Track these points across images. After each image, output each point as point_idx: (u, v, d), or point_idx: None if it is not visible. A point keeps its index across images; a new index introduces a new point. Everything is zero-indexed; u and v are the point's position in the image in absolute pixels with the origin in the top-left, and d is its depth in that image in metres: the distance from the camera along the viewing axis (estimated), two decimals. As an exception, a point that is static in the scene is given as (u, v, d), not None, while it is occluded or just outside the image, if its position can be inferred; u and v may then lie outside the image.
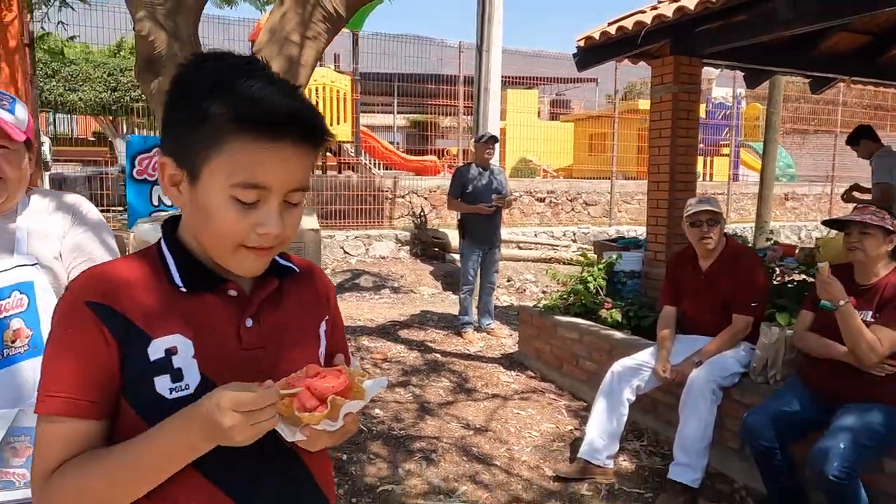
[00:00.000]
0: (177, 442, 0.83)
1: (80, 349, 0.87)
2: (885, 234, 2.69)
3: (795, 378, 2.97)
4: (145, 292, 0.91)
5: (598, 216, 11.46)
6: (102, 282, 0.90)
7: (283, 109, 0.85)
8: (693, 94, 5.41)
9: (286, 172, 0.88)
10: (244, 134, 0.85)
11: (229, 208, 0.87)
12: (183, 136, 0.89)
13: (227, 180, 0.86)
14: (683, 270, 3.57)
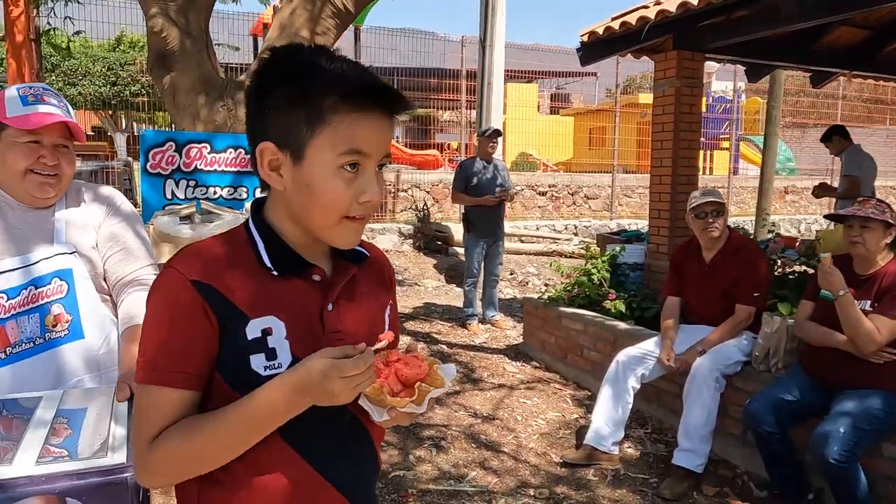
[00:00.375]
0: (277, 404, 0.90)
1: (187, 325, 0.93)
2: (885, 227, 2.76)
3: (797, 366, 3.05)
4: (241, 273, 0.97)
5: (599, 209, 11.53)
6: (205, 261, 0.96)
7: (377, 83, 0.94)
8: (696, 88, 5.48)
9: (380, 140, 0.96)
10: (347, 107, 0.92)
11: (336, 178, 0.94)
12: (283, 119, 0.94)
13: (332, 151, 0.93)
14: (687, 261, 3.65)
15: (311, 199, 0.96)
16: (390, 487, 3.14)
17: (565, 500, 3.08)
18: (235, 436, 0.92)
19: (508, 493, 3.13)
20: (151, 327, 0.95)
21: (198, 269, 0.94)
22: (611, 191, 11.55)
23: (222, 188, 3.87)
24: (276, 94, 0.94)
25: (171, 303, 0.94)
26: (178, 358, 0.93)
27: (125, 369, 1.56)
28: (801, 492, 2.91)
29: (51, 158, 1.63)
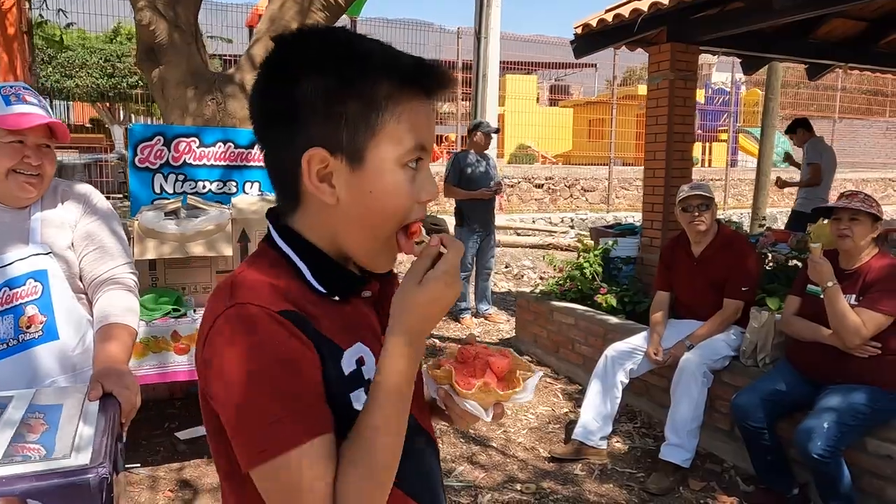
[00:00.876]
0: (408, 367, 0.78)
1: (295, 363, 0.76)
2: (872, 220, 2.76)
3: (784, 361, 3.05)
4: (309, 300, 0.81)
5: (597, 202, 11.51)
6: (271, 290, 0.79)
7: (429, 63, 0.80)
8: (689, 81, 5.45)
9: (432, 130, 0.84)
10: (406, 95, 0.79)
11: (404, 179, 0.80)
12: (328, 117, 0.78)
13: (398, 148, 0.79)
14: (677, 256, 3.64)
15: (373, 208, 0.80)
16: (377, 482, 3.15)
17: (552, 494, 3.09)
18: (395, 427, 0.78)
19: (495, 487, 3.14)
20: (256, 382, 0.74)
21: (271, 298, 0.77)
22: (608, 183, 11.53)
23: (211, 182, 3.85)
24: (311, 87, 0.77)
25: (267, 342, 0.75)
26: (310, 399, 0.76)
27: (98, 367, 1.55)
28: (787, 486, 2.92)
29: (34, 158, 1.63)
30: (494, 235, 6.14)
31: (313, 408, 0.75)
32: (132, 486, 2.97)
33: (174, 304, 2.93)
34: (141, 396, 1.54)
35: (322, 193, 0.80)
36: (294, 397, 0.74)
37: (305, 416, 0.74)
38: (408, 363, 0.78)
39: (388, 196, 0.80)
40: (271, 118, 0.82)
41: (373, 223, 0.82)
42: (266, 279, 0.80)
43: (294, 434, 0.73)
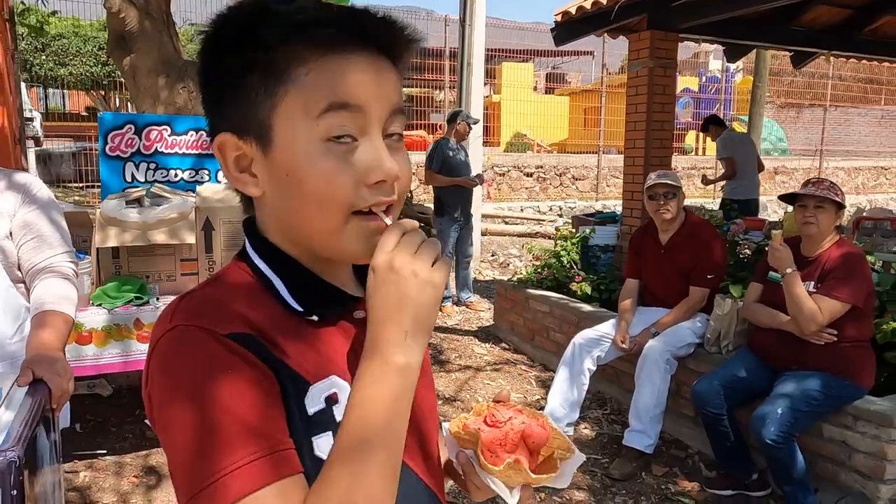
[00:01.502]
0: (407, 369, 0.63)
1: (246, 391, 0.61)
2: (837, 208, 2.76)
3: (746, 348, 3.07)
4: (274, 322, 0.68)
5: (587, 190, 11.52)
6: (227, 308, 0.66)
7: (345, 13, 0.65)
8: (669, 69, 5.43)
9: (375, 86, 0.66)
10: (315, 52, 0.64)
11: (323, 155, 0.65)
12: (237, 95, 0.67)
13: (306, 116, 0.64)
14: (645, 244, 3.65)
15: (298, 197, 0.66)
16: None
17: (515, 480, 3.12)
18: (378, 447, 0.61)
19: (460, 473, 3.17)
20: (187, 423, 0.59)
21: (219, 319, 0.64)
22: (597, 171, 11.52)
23: (183, 171, 3.86)
24: (226, 65, 0.66)
25: (209, 366, 0.61)
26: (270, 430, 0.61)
27: (30, 354, 1.57)
28: (746, 471, 2.95)
29: None
30: (472, 224, 6.15)
31: (274, 438, 0.60)
32: (98, 472, 3.00)
33: (137, 291, 2.94)
34: (108, 385, 1.56)
35: (245, 185, 0.70)
36: (239, 437, 0.58)
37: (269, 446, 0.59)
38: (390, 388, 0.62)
39: (308, 177, 0.65)
40: (205, 110, 0.72)
41: (306, 214, 0.67)
42: (219, 297, 0.68)
43: (248, 475, 0.57)
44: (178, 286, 3.13)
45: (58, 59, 14.59)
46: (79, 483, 2.90)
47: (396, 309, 0.63)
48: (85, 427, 3.40)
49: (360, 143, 0.66)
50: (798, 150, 17.43)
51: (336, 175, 0.65)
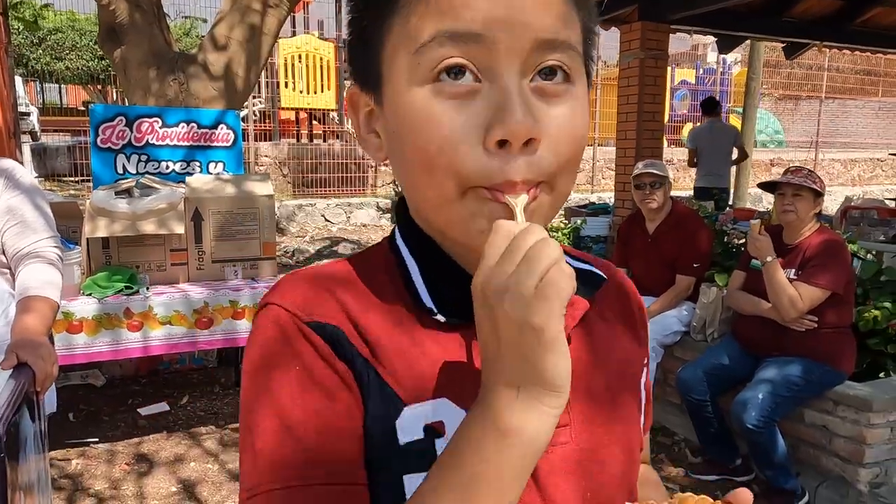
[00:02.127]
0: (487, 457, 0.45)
1: (310, 395, 0.50)
2: (815, 196, 2.79)
3: (730, 335, 3.11)
4: (387, 318, 0.55)
5: (582, 183, 11.53)
6: (327, 291, 0.55)
7: None
8: (660, 60, 5.45)
9: (512, 8, 0.47)
10: None
11: (428, 102, 0.48)
12: (358, 41, 0.54)
13: (409, 53, 0.49)
14: (632, 233, 3.68)
15: (404, 159, 0.52)
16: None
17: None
18: None
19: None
20: (246, 425, 0.52)
21: (313, 303, 0.53)
22: (592, 164, 11.53)
23: (175, 163, 3.88)
24: (349, 20, 0.55)
25: (278, 353, 0.52)
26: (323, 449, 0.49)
27: (15, 338, 1.60)
28: (730, 457, 2.98)
29: None
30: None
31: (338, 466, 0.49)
32: (90, 459, 3.04)
33: (127, 281, 2.97)
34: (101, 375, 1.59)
35: (369, 148, 0.57)
36: (293, 447, 0.49)
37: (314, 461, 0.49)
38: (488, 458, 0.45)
39: (411, 136, 0.49)
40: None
41: (416, 183, 0.52)
42: (329, 277, 0.56)
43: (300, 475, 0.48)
44: (168, 276, 3.16)
45: (54, 53, 14.57)
46: (71, 471, 2.94)
47: (496, 357, 0.45)
48: (78, 416, 3.44)
49: (482, 86, 0.48)
50: (796, 142, 17.42)
51: (441, 129, 0.47)
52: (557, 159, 0.49)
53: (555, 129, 0.48)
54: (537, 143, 0.48)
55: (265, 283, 3.19)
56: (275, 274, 3.30)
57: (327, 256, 7.91)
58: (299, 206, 8.99)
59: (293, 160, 9.71)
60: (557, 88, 0.49)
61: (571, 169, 0.51)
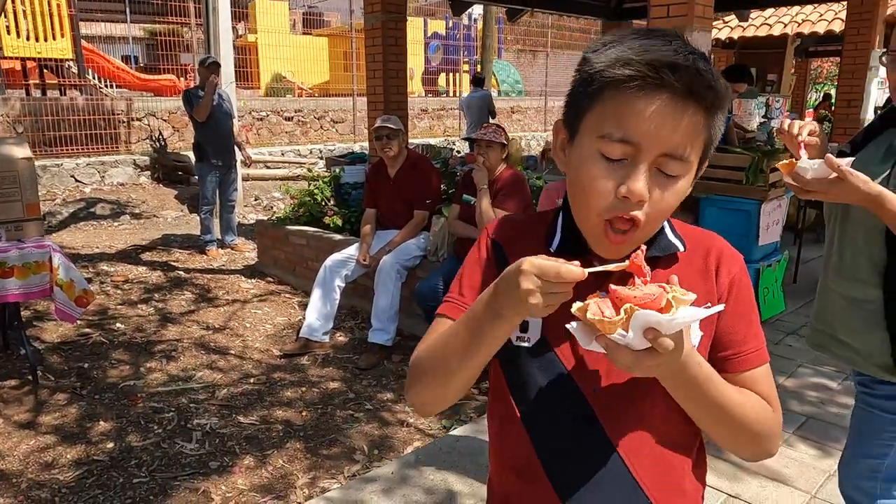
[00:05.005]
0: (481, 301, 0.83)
1: (475, 269, 0.97)
2: (501, 147, 3.68)
3: (452, 255, 3.96)
4: (527, 245, 0.92)
5: (346, 133, 12.07)
6: (506, 227, 1.01)
7: (661, 57, 0.78)
8: (400, 22, 6.12)
9: (658, 128, 0.78)
10: (617, 82, 0.79)
11: (595, 161, 0.82)
12: (571, 96, 0.88)
13: (595, 132, 0.82)
14: (378, 177, 4.36)
15: (574, 185, 0.87)
16: (119, 395, 3.49)
17: (280, 381, 3.71)
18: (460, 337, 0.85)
19: (231, 384, 3.67)
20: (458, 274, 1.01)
21: (498, 232, 1.00)
22: (353, 115, 12.11)
23: None
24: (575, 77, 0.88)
25: (475, 253, 1.00)
26: (459, 293, 0.97)
27: None
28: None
29: None
30: (236, 168, 6.41)
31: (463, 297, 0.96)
32: None
33: None
34: None
35: (560, 161, 0.92)
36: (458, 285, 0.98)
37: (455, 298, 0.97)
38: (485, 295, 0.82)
39: (581, 172, 0.84)
40: None
41: (575, 201, 0.89)
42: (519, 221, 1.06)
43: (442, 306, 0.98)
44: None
45: None
46: None
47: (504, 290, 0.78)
48: None
49: (626, 163, 0.81)
50: (534, 91, 19.73)
51: (597, 178, 0.82)
52: (651, 216, 0.83)
53: (654, 200, 0.82)
54: (644, 203, 0.82)
55: (33, 243, 3.27)
56: (41, 234, 3.39)
57: (84, 219, 7.53)
58: (43, 168, 8.30)
59: (30, 117, 8.82)
60: (668, 180, 0.83)
61: (658, 220, 0.85)
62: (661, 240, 0.92)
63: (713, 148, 0.87)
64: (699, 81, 0.78)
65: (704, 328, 0.87)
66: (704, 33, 4.17)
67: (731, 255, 0.94)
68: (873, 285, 1.59)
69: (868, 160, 1.62)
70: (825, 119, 10.81)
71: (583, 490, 0.90)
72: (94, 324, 4.42)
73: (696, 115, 0.79)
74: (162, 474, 2.79)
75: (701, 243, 0.95)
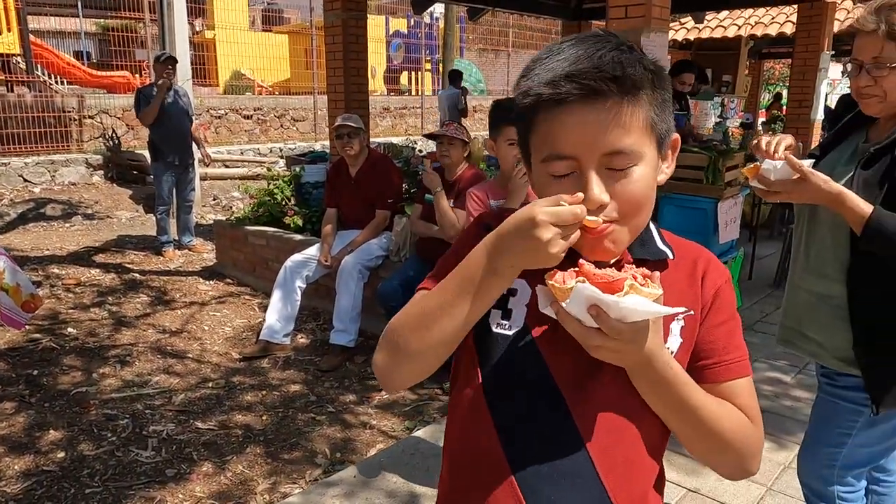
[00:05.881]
0: (478, 254, 0.81)
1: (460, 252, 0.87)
2: (462, 144, 3.67)
3: (415, 254, 3.94)
4: None
5: (307, 132, 11.93)
6: (500, 215, 0.91)
7: (557, 73, 0.80)
8: (360, 20, 6.06)
9: (585, 135, 0.80)
10: (533, 109, 0.83)
11: (548, 183, 0.84)
12: (520, 124, 0.89)
13: (538, 157, 0.85)
14: (339, 176, 4.31)
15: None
16: (71, 402, 3.37)
17: (239, 385, 3.63)
18: (446, 300, 0.83)
19: (189, 389, 3.58)
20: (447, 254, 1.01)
21: (491, 218, 0.94)
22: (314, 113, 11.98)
23: None
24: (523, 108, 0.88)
25: (466, 234, 1.01)
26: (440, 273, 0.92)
27: None
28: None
29: None
30: (193, 168, 6.26)
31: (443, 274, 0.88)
32: None
33: None
34: None
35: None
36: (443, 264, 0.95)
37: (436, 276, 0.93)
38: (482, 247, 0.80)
39: (536, 190, 0.88)
40: None
41: None
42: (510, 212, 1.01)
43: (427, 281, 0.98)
44: None
45: None
46: None
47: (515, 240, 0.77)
48: None
49: (576, 175, 0.81)
50: (496, 91, 19.81)
51: (542, 193, 0.84)
52: (623, 211, 0.82)
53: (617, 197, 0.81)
54: (605, 206, 0.80)
55: (-25, 246, 3.13)
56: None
57: (33, 220, 7.27)
58: (-11, 167, 7.99)
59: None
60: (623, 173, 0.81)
61: (635, 209, 0.83)
62: (651, 245, 0.92)
63: (666, 122, 0.86)
64: (602, 76, 0.78)
65: (685, 335, 0.88)
66: (661, 34, 4.24)
67: (717, 267, 0.94)
68: (839, 282, 1.65)
69: (835, 162, 1.69)
70: (777, 119, 11.13)
71: (546, 487, 0.87)
72: (45, 329, 4.26)
73: (616, 107, 0.79)
74: (116, 483, 2.70)
75: (689, 252, 0.95)
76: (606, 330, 0.73)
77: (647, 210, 0.86)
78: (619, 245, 0.84)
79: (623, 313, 0.72)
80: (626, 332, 0.73)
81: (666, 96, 0.85)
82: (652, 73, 0.82)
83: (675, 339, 0.83)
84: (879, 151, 1.58)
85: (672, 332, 0.86)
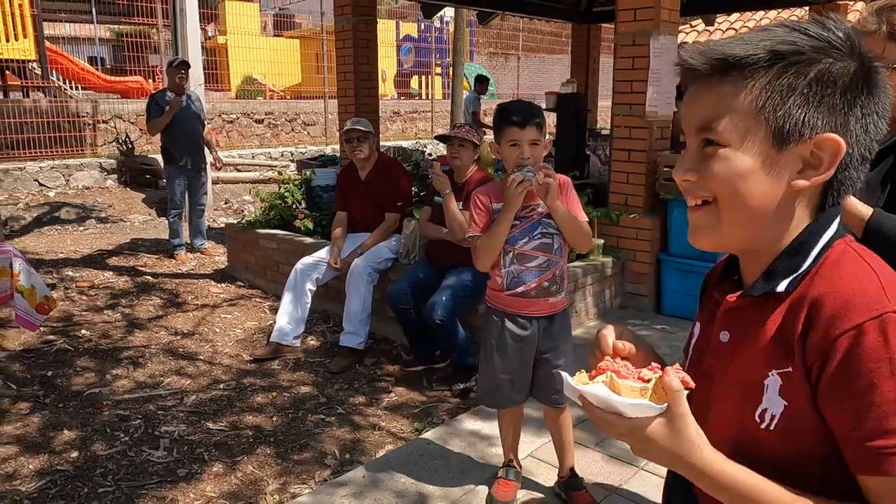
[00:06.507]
0: None
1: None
2: (473, 146, 3.68)
3: (424, 257, 3.96)
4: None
5: (318, 136, 12.00)
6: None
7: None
8: (370, 24, 6.11)
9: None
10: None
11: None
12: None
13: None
14: (349, 180, 4.34)
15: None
16: (84, 403, 3.42)
17: (250, 387, 3.67)
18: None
19: (200, 390, 3.62)
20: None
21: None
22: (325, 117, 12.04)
23: None
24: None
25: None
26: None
27: None
28: (431, 350, 3.85)
29: None
30: (206, 172, 6.32)
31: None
32: None
33: None
34: None
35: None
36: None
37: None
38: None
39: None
40: None
41: None
42: None
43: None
44: None
45: None
46: None
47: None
48: None
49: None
50: (506, 94, 19.81)
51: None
52: (711, 191, 0.78)
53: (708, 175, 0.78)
54: (690, 182, 0.80)
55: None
56: (1, 239, 3.30)
57: (48, 224, 7.36)
58: (5, 171, 8.10)
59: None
60: (709, 150, 0.78)
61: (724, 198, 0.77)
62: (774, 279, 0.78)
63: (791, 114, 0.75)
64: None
65: (788, 398, 0.74)
66: (671, 37, 4.24)
67: (838, 310, 0.70)
68: None
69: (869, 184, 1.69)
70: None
71: None
72: (59, 331, 4.32)
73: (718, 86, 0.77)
74: (128, 483, 2.74)
75: (815, 287, 0.74)
76: (588, 415, 0.77)
77: (742, 205, 0.76)
78: (705, 230, 0.80)
79: (605, 404, 0.75)
80: (619, 427, 0.74)
81: (798, 83, 0.73)
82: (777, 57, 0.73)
83: (778, 404, 0.73)
84: (881, 152, 1.58)
85: (768, 388, 0.75)
